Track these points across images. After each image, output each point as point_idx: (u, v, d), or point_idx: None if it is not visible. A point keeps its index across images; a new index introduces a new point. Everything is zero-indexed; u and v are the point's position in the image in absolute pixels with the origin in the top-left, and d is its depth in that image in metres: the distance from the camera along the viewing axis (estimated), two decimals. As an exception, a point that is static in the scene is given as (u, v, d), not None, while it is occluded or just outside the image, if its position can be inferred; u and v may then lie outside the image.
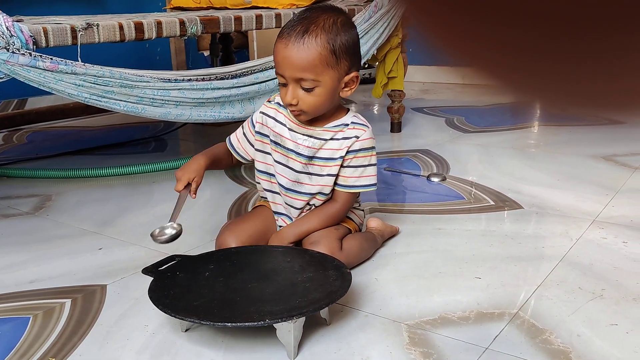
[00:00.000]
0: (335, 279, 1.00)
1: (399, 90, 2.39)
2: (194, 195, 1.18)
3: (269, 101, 1.25)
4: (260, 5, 2.17)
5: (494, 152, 2.12)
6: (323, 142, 1.18)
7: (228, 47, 2.89)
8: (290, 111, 1.17)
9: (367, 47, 2.06)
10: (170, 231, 1.12)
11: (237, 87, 1.66)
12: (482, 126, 2.55)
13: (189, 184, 1.17)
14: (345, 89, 1.15)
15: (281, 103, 1.20)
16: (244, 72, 1.69)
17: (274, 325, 0.90)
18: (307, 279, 1.01)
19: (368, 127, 1.20)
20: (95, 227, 1.46)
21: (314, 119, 1.19)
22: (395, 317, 1.01)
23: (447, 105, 3.07)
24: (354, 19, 2.04)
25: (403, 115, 2.47)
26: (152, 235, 1.13)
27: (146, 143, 2.40)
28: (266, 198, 1.28)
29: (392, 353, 0.90)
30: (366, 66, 3.44)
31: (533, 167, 1.91)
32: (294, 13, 1.94)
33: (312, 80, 1.10)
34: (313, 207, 1.23)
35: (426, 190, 1.70)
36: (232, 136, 1.28)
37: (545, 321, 0.98)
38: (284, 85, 1.13)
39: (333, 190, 1.21)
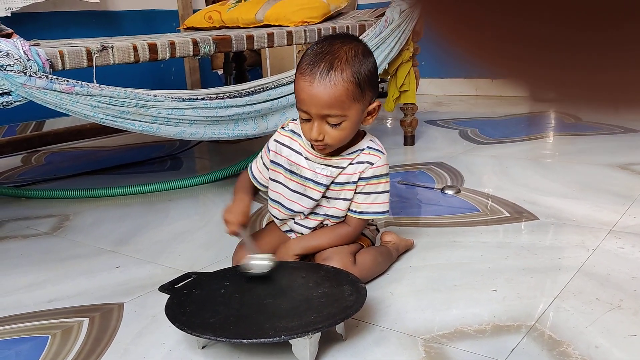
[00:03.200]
0: (350, 294, 1.00)
1: (412, 104, 2.39)
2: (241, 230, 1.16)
3: (283, 128, 1.24)
4: (272, 24, 2.19)
5: (509, 163, 2.11)
6: (341, 169, 1.18)
7: (241, 66, 2.92)
8: (314, 146, 1.15)
9: (378, 61, 2.07)
10: (268, 263, 1.09)
11: (250, 104, 1.68)
12: (496, 137, 2.55)
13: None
14: (368, 118, 1.15)
15: (295, 130, 1.20)
16: (257, 89, 1.71)
17: (289, 341, 0.90)
18: (322, 294, 1.01)
19: (383, 154, 1.19)
20: (112, 246, 1.48)
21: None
22: (411, 332, 1.00)
23: (460, 118, 3.07)
24: (364, 34, 2.06)
25: (416, 128, 2.47)
26: (242, 267, 1.07)
27: (162, 162, 2.42)
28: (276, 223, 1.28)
29: (408, 367, 0.90)
30: (378, 80, 3.45)
31: (548, 178, 1.90)
32: (305, 31, 1.97)
33: (339, 116, 1.09)
34: (325, 226, 1.23)
35: (441, 203, 1.70)
36: (253, 165, 1.27)
37: (563, 333, 0.97)
38: (307, 120, 1.11)
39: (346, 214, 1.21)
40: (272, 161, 1.23)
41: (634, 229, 1.42)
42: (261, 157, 1.26)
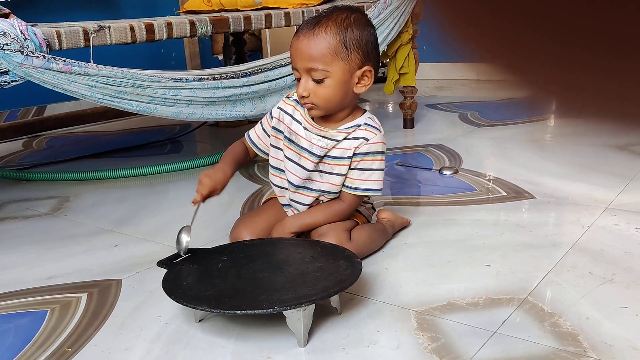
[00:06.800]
0: (345, 269, 1.01)
1: (411, 86, 2.39)
2: (203, 201, 1.18)
3: (288, 97, 1.26)
4: (271, 6, 2.19)
5: (508, 144, 2.11)
6: (336, 142, 1.19)
7: (241, 50, 2.91)
8: (303, 105, 1.17)
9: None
10: (184, 245, 1.11)
11: (248, 85, 1.69)
12: (496, 120, 2.55)
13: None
14: (359, 85, 1.15)
15: (299, 101, 1.22)
16: (254, 70, 1.71)
17: (283, 313, 0.92)
18: (317, 269, 1.02)
19: (380, 131, 1.20)
20: (112, 226, 1.49)
21: (330, 119, 1.19)
22: (405, 305, 1.02)
23: (461, 101, 3.07)
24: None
25: (415, 111, 2.47)
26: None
27: (162, 145, 2.43)
28: (275, 192, 1.30)
29: (401, 338, 0.91)
30: (380, 64, 3.44)
31: (546, 159, 1.91)
32: (303, 12, 1.96)
33: (322, 71, 1.11)
34: (321, 202, 1.24)
35: (438, 183, 1.71)
36: (252, 132, 1.29)
37: (555, 305, 0.98)
38: (299, 80, 1.14)
39: (341, 190, 1.22)
40: (274, 127, 1.25)
41: (630, 206, 1.43)
42: (261, 123, 1.28)
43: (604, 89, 0.23)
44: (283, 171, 1.24)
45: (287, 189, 1.25)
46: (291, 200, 1.25)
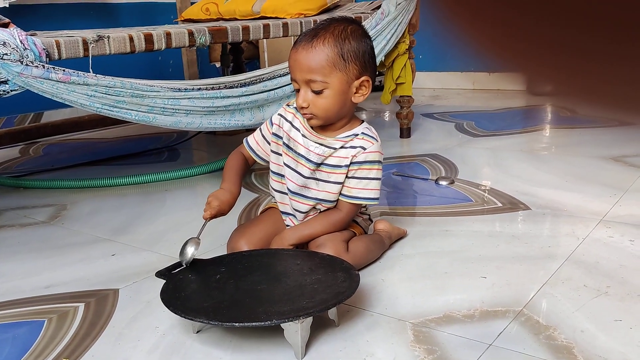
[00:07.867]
0: (343, 281, 1.02)
1: (408, 96, 2.41)
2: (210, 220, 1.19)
3: (288, 105, 1.27)
4: (269, 16, 2.21)
5: (503, 155, 2.13)
6: (333, 150, 1.20)
7: (239, 58, 2.93)
8: (302, 115, 1.19)
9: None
10: (189, 256, 1.11)
11: (246, 95, 1.69)
12: (492, 130, 2.56)
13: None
14: (357, 94, 1.17)
15: (299, 110, 1.23)
16: (253, 80, 1.72)
17: (281, 325, 0.92)
18: (315, 281, 1.03)
19: (377, 141, 1.21)
20: (109, 235, 1.50)
21: (328, 127, 1.21)
22: (401, 316, 1.02)
23: (457, 111, 3.08)
24: (360, 26, 2.07)
25: (412, 120, 2.48)
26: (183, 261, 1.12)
27: (159, 153, 2.44)
28: (275, 198, 1.30)
29: (397, 350, 0.92)
30: (376, 74, 3.46)
31: (541, 169, 1.92)
32: (301, 23, 1.98)
33: (321, 82, 1.13)
34: (318, 212, 1.25)
35: (434, 194, 1.72)
36: (250, 139, 1.30)
37: (550, 318, 0.99)
38: (298, 91, 1.16)
39: (338, 199, 1.23)
40: (274, 134, 1.26)
41: (624, 218, 1.44)
42: (260, 130, 1.29)
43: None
44: (283, 176, 1.25)
45: (286, 194, 1.26)
46: (291, 206, 1.26)
